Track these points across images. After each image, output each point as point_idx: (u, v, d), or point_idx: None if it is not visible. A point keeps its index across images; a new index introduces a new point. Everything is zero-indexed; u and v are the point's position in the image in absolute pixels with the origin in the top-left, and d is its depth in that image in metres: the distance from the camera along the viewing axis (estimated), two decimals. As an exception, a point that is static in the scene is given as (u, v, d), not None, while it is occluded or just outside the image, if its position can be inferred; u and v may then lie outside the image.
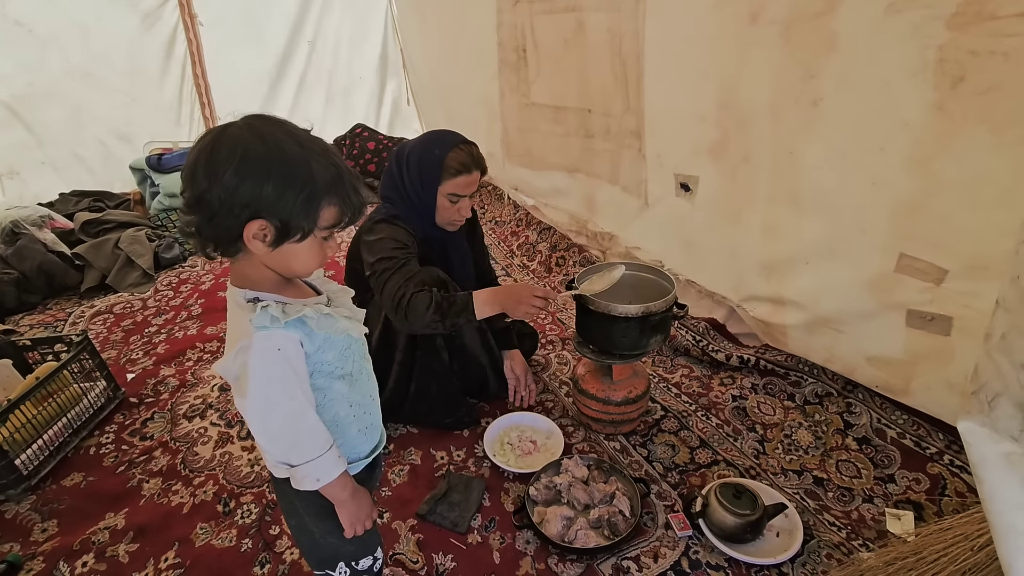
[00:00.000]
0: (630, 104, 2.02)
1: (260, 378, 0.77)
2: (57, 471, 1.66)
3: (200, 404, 1.92)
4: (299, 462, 0.82)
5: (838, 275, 1.41)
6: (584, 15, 2.10)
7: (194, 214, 0.74)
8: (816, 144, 1.35)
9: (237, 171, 0.71)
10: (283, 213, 0.74)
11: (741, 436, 1.65)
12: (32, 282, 2.65)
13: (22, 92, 3.06)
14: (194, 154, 0.74)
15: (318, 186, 0.75)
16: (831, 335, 1.50)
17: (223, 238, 0.75)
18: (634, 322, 1.48)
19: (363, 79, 4.04)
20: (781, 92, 1.39)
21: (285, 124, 0.77)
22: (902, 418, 1.52)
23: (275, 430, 0.81)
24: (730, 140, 1.61)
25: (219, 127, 0.75)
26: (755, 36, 1.42)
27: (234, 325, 0.82)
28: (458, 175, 1.53)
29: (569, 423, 1.75)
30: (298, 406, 0.80)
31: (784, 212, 1.49)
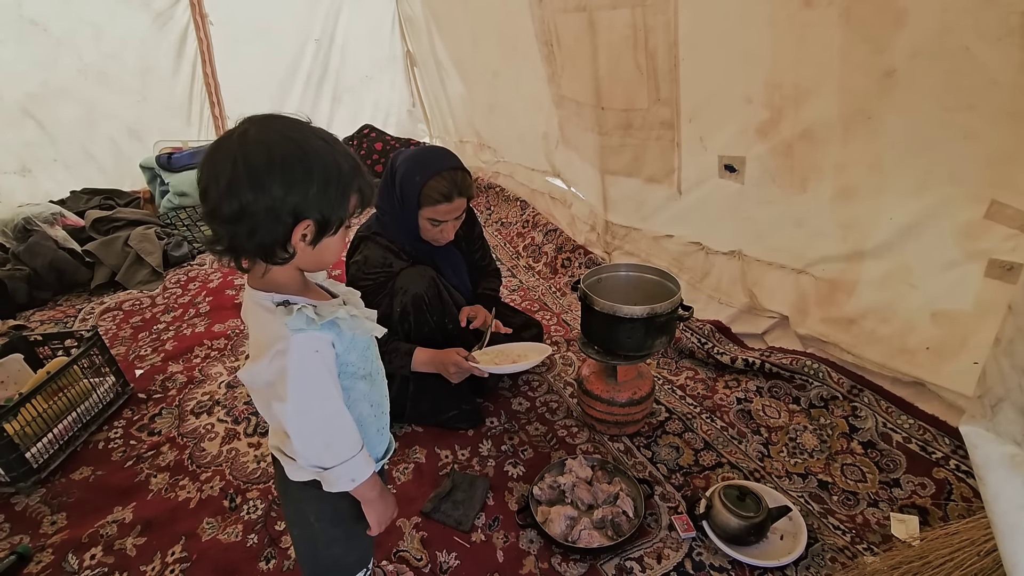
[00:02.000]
0: (660, 95, 2.02)
1: (301, 380, 0.76)
2: (66, 465, 1.68)
3: (207, 401, 1.94)
4: (335, 463, 0.81)
5: (926, 224, 1.43)
6: (596, 14, 2.11)
7: (233, 229, 0.72)
8: (897, 109, 1.37)
9: (283, 178, 0.70)
10: (325, 210, 0.74)
11: (746, 439, 1.65)
12: (43, 278, 2.68)
13: (36, 91, 3.09)
14: (226, 166, 0.70)
15: (347, 176, 0.75)
16: (903, 290, 1.50)
17: (269, 246, 0.74)
18: (639, 323, 1.49)
19: (370, 78, 4.06)
20: (849, 68, 1.42)
21: (297, 121, 0.77)
22: (908, 422, 1.52)
23: (314, 431, 0.80)
24: (783, 119, 1.64)
25: (236, 135, 0.72)
26: (811, 18, 1.46)
27: (262, 329, 0.79)
28: (437, 204, 1.52)
29: (573, 424, 1.75)
30: (336, 406, 0.81)
31: (862, 175, 1.51)
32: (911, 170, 1.41)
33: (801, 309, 1.77)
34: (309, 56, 3.75)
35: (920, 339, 1.47)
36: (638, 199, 2.33)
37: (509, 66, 2.96)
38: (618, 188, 2.42)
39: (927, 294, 1.45)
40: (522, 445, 1.68)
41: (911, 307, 1.49)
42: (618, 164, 2.34)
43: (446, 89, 3.86)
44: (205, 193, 0.72)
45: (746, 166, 1.81)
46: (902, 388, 1.56)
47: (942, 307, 1.43)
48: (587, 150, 2.53)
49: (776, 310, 1.86)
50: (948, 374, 1.42)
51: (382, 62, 4.05)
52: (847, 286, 1.63)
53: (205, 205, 0.73)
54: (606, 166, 2.40)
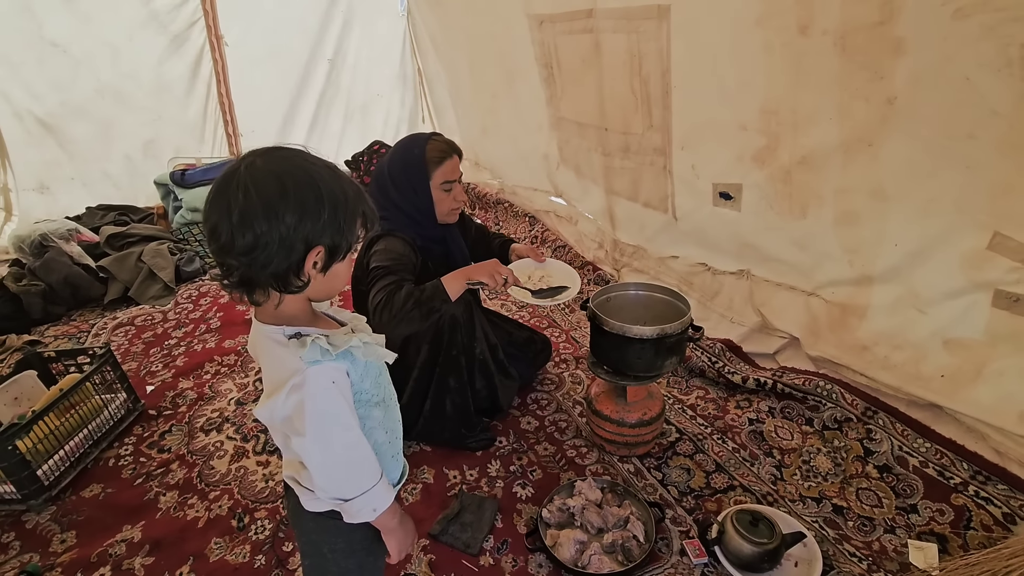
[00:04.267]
0: (653, 122, 2.03)
1: (319, 413, 0.76)
2: (77, 482, 1.69)
3: (217, 418, 1.95)
4: (355, 494, 0.80)
5: (931, 251, 1.42)
6: (601, 36, 2.13)
7: (248, 260, 0.71)
8: (898, 136, 1.37)
9: (296, 205, 0.70)
10: (335, 235, 0.75)
11: (758, 461, 1.62)
12: (58, 294, 2.72)
13: (55, 110, 3.17)
14: (237, 197, 0.69)
15: (352, 202, 0.76)
16: (912, 316, 1.49)
17: (283, 275, 0.73)
18: (649, 344, 1.48)
19: (381, 96, 4.11)
20: (847, 94, 1.43)
21: (300, 151, 0.77)
22: (924, 446, 1.49)
23: (335, 464, 0.79)
24: (780, 145, 1.64)
25: (244, 167, 0.71)
26: (808, 47, 1.46)
27: (277, 364, 0.78)
28: (442, 162, 1.58)
29: (583, 444, 1.74)
30: (355, 437, 0.80)
31: (864, 201, 1.51)
32: (914, 197, 1.40)
33: (813, 331, 1.75)
34: (321, 75, 3.81)
35: (934, 367, 1.45)
36: (640, 221, 2.33)
37: (508, 88, 2.99)
38: (622, 208, 2.43)
39: (937, 321, 1.44)
40: (531, 465, 1.66)
41: (922, 333, 1.47)
42: (621, 185, 2.36)
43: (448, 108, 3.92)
44: (215, 229, 0.71)
45: (743, 193, 1.81)
46: (918, 410, 1.54)
47: (953, 335, 1.41)
48: (592, 170, 2.54)
49: (787, 331, 1.84)
50: (965, 400, 1.40)
51: (393, 80, 4.11)
52: (858, 310, 1.62)
53: (215, 241, 0.72)
54: (611, 186, 2.42)
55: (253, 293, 0.76)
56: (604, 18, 2.08)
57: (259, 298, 0.77)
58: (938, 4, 1.17)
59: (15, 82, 3.02)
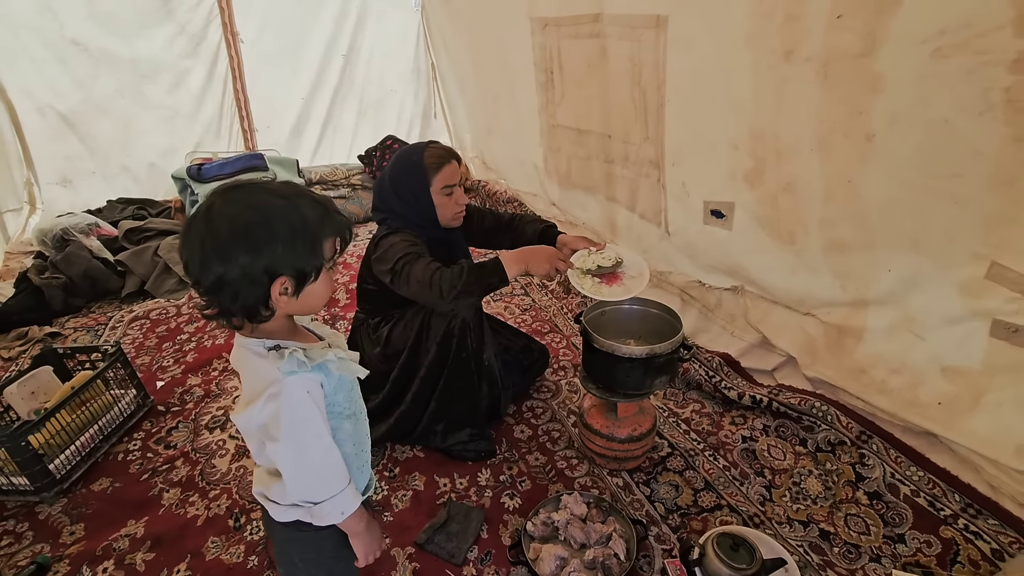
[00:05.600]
0: (648, 133, 2.01)
1: (294, 421, 0.81)
2: (88, 475, 1.77)
3: (221, 416, 2.01)
4: (324, 497, 0.86)
5: (926, 279, 1.39)
6: (607, 42, 2.10)
7: (217, 297, 0.78)
8: (878, 173, 1.34)
9: (247, 245, 0.75)
10: (297, 263, 0.79)
11: (748, 480, 1.62)
12: (78, 286, 2.82)
13: (77, 107, 3.26)
14: (196, 245, 0.76)
15: (314, 226, 0.80)
16: (910, 341, 1.46)
17: (251, 307, 0.79)
18: (638, 363, 1.48)
19: (394, 91, 4.12)
20: (827, 127, 1.39)
21: (259, 185, 0.82)
22: (917, 475, 1.46)
23: (307, 469, 0.85)
24: (767, 170, 1.61)
25: (201, 211, 0.77)
26: (791, 72, 1.42)
27: (255, 374, 0.84)
28: (441, 167, 1.59)
29: (574, 455, 1.75)
30: (326, 443, 0.85)
31: (849, 231, 1.47)
32: (901, 229, 1.36)
33: (810, 352, 1.73)
34: (336, 71, 3.84)
35: (932, 393, 1.42)
36: (638, 232, 2.31)
37: (509, 92, 2.97)
38: (623, 218, 2.40)
39: (935, 348, 1.40)
40: (521, 476, 1.68)
41: (920, 359, 1.44)
42: (622, 194, 2.33)
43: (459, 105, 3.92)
44: (187, 268, 0.78)
45: (735, 212, 1.77)
46: (913, 438, 1.51)
47: (951, 363, 1.38)
48: (591, 179, 2.51)
49: (785, 349, 1.82)
50: (961, 430, 1.37)
51: (406, 74, 4.11)
52: (854, 332, 1.59)
53: (189, 278, 0.79)
54: (612, 194, 2.39)
55: (230, 321, 0.82)
56: (611, 24, 2.05)
57: (237, 324, 0.83)
58: (917, 41, 1.12)
59: (38, 79, 3.12)
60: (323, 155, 4.08)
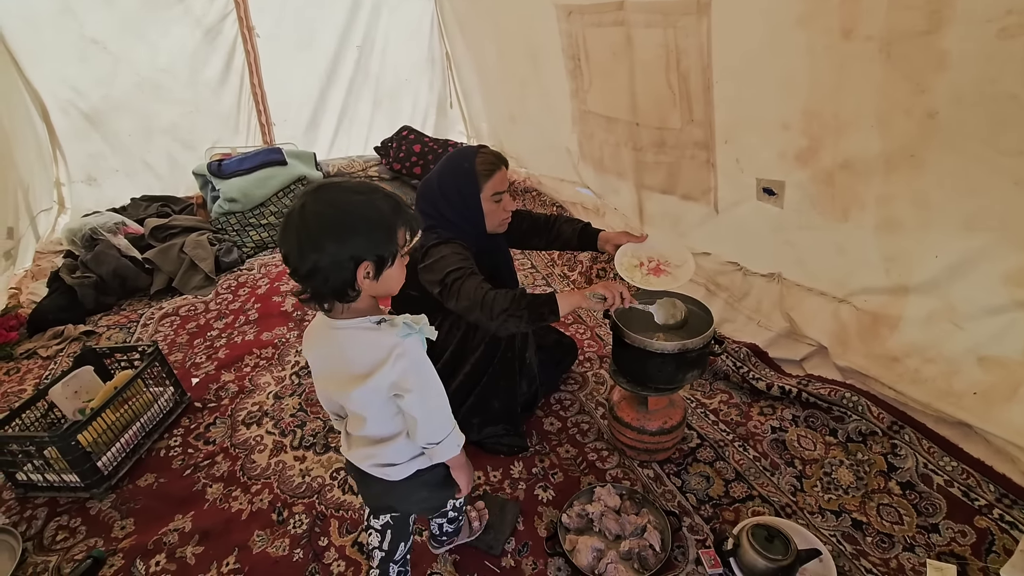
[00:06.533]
0: (693, 116, 1.99)
1: (420, 371, 0.99)
2: (133, 471, 1.83)
3: (257, 411, 2.06)
4: (443, 436, 1.03)
5: (973, 265, 1.38)
6: (632, 30, 2.08)
7: (312, 281, 0.93)
8: (941, 150, 1.32)
9: (333, 237, 0.90)
10: (376, 250, 0.93)
11: (779, 471, 1.64)
12: (108, 285, 2.88)
13: (98, 104, 3.29)
14: (293, 238, 0.91)
15: (388, 218, 0.94)
16: (947, 330, 1.46)
17: (340, 289, 0.93)
18: (670, 358, 1.49)
19: (409, 81, 4.10)
20: (889, 104, 1.38)
21: (341, 183, 0.97)
22: (951, 465, 1.47)
23: (434, 410, 1.02)
24: (822, 148, 1.60)
25: (297, 210, 0.92)
26: (851, 51, 1.40)
27: (370, 346, 0.97)
28: (492, 174, 1.59)
29: (604, 447, 1.78)
30: (441, 387, 1.03)
31: (907, 209, 1.47)
32: (958, 209, 1.35)
33: (841, 340, 1.73)
34: (351, 62, 3.83)
35: (967, 383, 1.42)
36: (675, 215, 2.30)
37: (537, 76, 2.95)
38: (654, 203, 2.40)
39: (973, 337, 1.40)
40: (552, 468, 1.72)
41: (957, 348, 1.44)
42: (654, 180, 2.32)
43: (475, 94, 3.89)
44: (286, 259, 0.93)
45: (785, 191, 1.77)
46: (946, 428, 1.51)
47: (989, 352, 1.37)
48: (619, 165, 2.51)
49: (815, 338, 1.82)
50: (997, 420, 1.37)
51: (421, 64, 4.09)
52: (890, 320, 1.58)
53: (288, 266, 0.94)
54: (641, 181, 2.38)
55: (323, 303, 0.97)
56: (635, 11, 2.02)
57: (329, 306, 0.98)
58: (983, 20, 1.10)
59: (60, 79, 3.15)
60: (339, 147, 4.09)
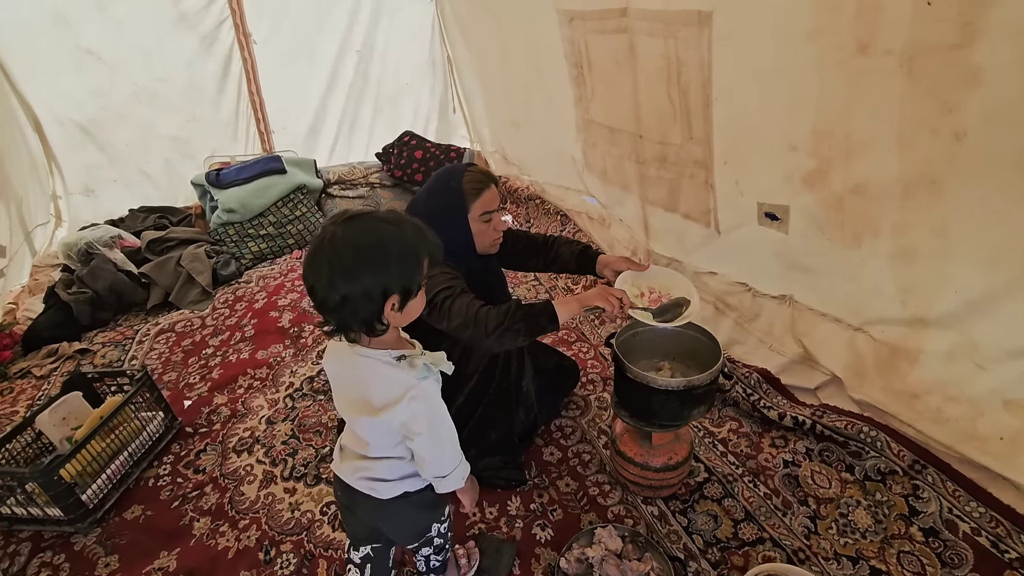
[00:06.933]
0: (693, 134, 1.89)
1: (432, 415, 1.00)
2: (120, 502, 1.78)
3: (248, 438, 2.00)
4: (451, 469, 1.06)
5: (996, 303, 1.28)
6: (636, 38, 1.97)
7: (340, 313, 0.92)
8: (967, 177, 1.21)
9: (370, 268, 0.90)
10: (405, 281, 0.94)
11: (791, 511, 1.54)
12: (104, 300, 2.84)
13: (95, 115, 3.25)
14: (323, 269, 0.89)
15: (416, 247, 0.95)
16: (971, 370, 1.35)
17: (369, 321, 0.93)
18: (674, 394, 1.40)
19: (410, 86, 4.02)
20: (911, 124, 1.26)
21: (372, 213, 0.96)
22: (978, 511, 1.37)
23: (442, 450, 1.05)
24: (832, 170, 1.49)
25: (325, 239, 0.90)
26: (867, 66, 1.29)
27: (388, 381, 0.98)
28: (480, 193, 1.52)
29: (606, 481, 1.70)
30: (452, 427, 1.06)
31: (924, 238, 1.36)
32: (982, 241, 1.24)
33: (857, 371, 1.62)
34: (351, 67, 3.74)
35: (993, 426, 1.32)
36: (678, 232, 2.20)
37: (541, 82, 2.84)
38: (658, 219, 2.30)
39: (998, 379, 1.29)
40: (552, 504, 1.64)
41: (980, 389, 1.33)
42: (657, 195, 2.22)
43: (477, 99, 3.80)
44: (312, 289, 0.92)
45: (790, 215, 1.66)
46: (973, 470, 1.41)
47: (1015, 396, 1.26)
48: (623, 177, 2.41)
49: (829, 367, 1.71)
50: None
51: (422, 68, 4.00)
52: (909, 354, 1.47)
53: (314, 299, 0.93)
54: (646, 195, 2.28)
55: (349, 334, 0.98)
56: (639, 19, 1.92)
57: (355, 338, 0.99)
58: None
59: (55, 90, 3.10)
60: (340, 154, 4.02)
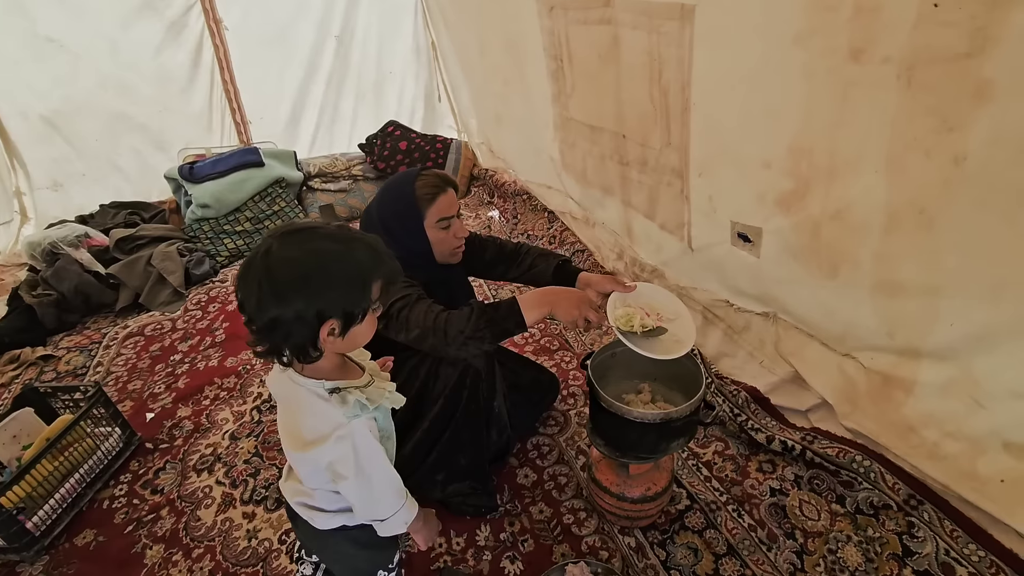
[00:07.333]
0: (671, 139, 1.75)
1: (360, 458, 0.91)
2: (72, 526, 1.69)
3: (210, 455, 1.91)
4: (388, 515, 0.98)
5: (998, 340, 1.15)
6: (620, 31, 1.82)
7: (271, 336, 0.83)
8: (963, 205, 1.08)
9: (302, 291, 0.80)
10: (347, 306, 0.84)
11: (777, 545, 1.45)
12: (70, 302, 2.73)
13: (59, 106, 3.10)
14: (254, 286, 0.80)
15: (366, 270, 0.85)
16: (970, 406, 1.23)
17: (301, 347, 0.85)
18: (651, 427, 1.29)
19: (393, 73, 3.85)
20: (904, 143, 1.12)
21: (318, 228, 0.86)
22: (977, 554, 1.27)
23: (375, 496, 0.96)
24: (811, 192, 1.35)
25: (260, 253, 0.81)
26: (859, 76, 1.14)
27: (318, 416, 0.90)
28: (435, 198, 1.40)
29: (582, 507, 1.60)
30: (387, 470, 0.96)
31: (911, 272, 1.23)
32: (980, 277, 1.10)
33: (849, 398, 1.51)
34: (329, 54, 3.57)
35: (994, 467, 1.20)
36: (657, 242, 2.07)
37: (520, 77, 2.67)
38: (639, 225, 2.16)
39: (999, 419, 1.17)
40: (523, 534, 1.54)
41: (980, 428, 1.21)
42: (638, 200, 2.09)
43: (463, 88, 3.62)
44: (242, 306, 0.84)
45: (763, 238, 1.53)
46: (972, 508, 1.30)
47: (1016, 439, 1.15)
48: (604, 179, 2.26)
49: (819, 391, 1.60)
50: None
51: (406, 54, 3.82)
52: (903, 383, 1.36)
53: (244, 315, 0.84)
54: (628, 199, 2.15)
55: (280, 359, 0.89)
56: (623, 10, 1.77)
57: (286, 362, 0.89)
58: None
59: (16, 81, 2.95)
60: (322, 145, 3.87)
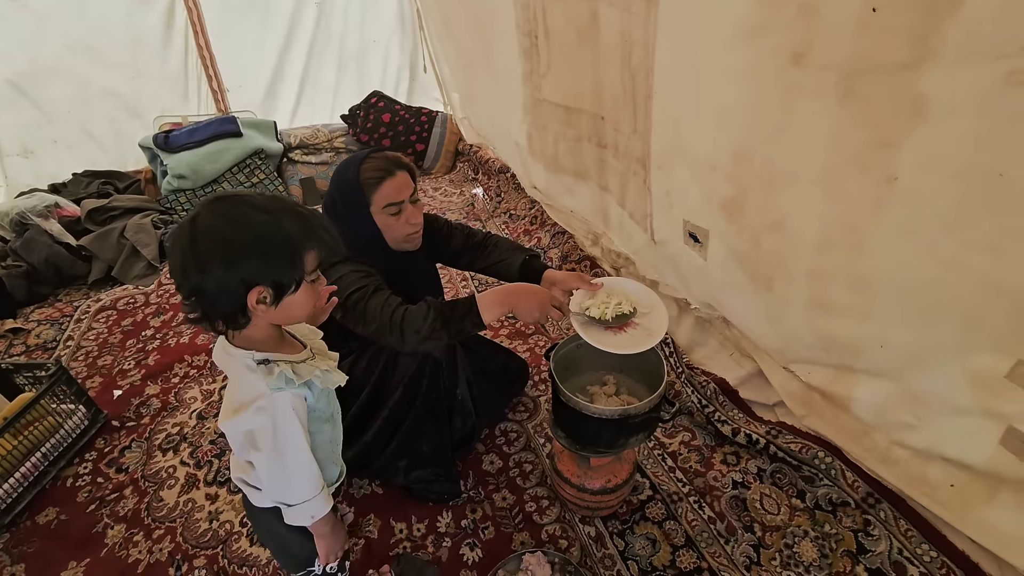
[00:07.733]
0: (637, 127, 1.69)
1: (276, 435, 0.88)
2: (34, 504, 1.68)
3: (176, 435, 1.89)
4: (297, 501, 0.95)
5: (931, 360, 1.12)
6: (599, 6, 1.74)
7: (198, 303, 0.83)
8: (893, 229, 1.03)
9: (224, 258, 0.80)
10: (274, 275, 0.83)
11: (735, 537, 1.45)
12: (41, 274, 2.68)
13: (25, 70, 2.98)
14: (178, 254, 0.80)
15: (294, 240, 0.84)
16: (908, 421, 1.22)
17: (229, 314, 0.84)
18: (610, 423, 1.27)
19: (377, 42, 3.71)
20: (840, 157, 1.06)
21: (246, 197, 0.85)
22: (929, 555, 1.27)
23: (284, 478, 0.93)
24: (749, 201, 1.30)
25: (188, 220, 0.81)
26: (801, 81, 1.07)
27: (243, 385, 0.89)
28: (381, 182, 1.32)
29: (545, 496, 1.60)
30: (304, 456, 0.92)
31: (841, 292, 1.19)
32: (909, 302, 1.07)
33: (804, 401, 1.48)
34: (310, 21, 3.44)
35: (943, 473, 1.19)
36: (628, 231, 2.02)
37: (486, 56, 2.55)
38: (615, 212, 2.11)
39: (934, 435, 1.15)
40: (484, 521, 1.54)
41: (920, 442, 1.20)
42: (614, 186, 2.03)
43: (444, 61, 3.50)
44: (172, 273, 0.84)
45: (710, 241, 1.48)
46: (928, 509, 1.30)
47: (952, 455, 1.13)
48: (583, 163, 2.19)
49: (778, 391, 1.58)
50: (978, 523, 1.15)
51: (390, 23, 3.68)
52: (840, 400, 1.33)
53: (175, 281, 0.84)
54: (605, 183, 2.09)
55: (213, 327, 0.87)
56: (603, -17, 1.68)
57: (220, 329, 0.88)
58: (990, 57, 0.78)
59: (-23, 42, 2.83)
60: (304, 115, 3.76)
